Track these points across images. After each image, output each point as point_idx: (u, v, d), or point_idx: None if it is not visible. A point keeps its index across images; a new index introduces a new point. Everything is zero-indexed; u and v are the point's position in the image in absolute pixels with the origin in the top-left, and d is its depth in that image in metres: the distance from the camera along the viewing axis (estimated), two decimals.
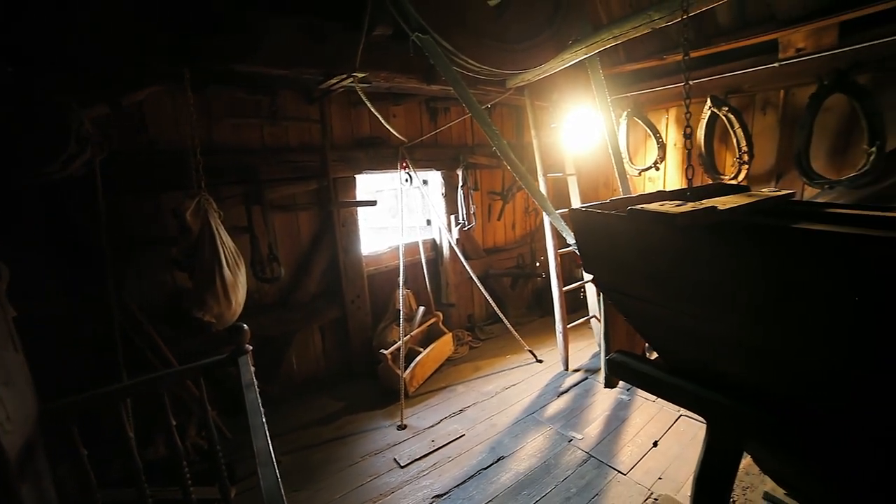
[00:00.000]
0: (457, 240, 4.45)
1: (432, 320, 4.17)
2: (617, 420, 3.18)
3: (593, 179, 5.11)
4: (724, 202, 1.40)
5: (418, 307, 4.15)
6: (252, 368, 1.89)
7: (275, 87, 3.34)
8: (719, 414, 1.31)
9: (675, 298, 1.18)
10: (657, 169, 4.46)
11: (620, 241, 1.20)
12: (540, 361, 4.07)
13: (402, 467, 2.82)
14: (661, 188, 4.59)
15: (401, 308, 3.46)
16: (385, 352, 3.56)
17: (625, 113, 4.54)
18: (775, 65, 3.68)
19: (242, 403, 1.60)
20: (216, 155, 3.13)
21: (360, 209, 3.95)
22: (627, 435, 3.02)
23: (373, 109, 3.14)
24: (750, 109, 4.02)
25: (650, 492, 2.44)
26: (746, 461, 2.26)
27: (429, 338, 4.09)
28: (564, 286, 3.87)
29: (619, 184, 3.46)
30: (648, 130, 4.48)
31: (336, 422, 3.36)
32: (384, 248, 4.30)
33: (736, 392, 1.27)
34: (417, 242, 4.23)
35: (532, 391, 3.63)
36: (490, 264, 4.89)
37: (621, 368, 1.52)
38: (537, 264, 5.32)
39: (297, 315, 3.64)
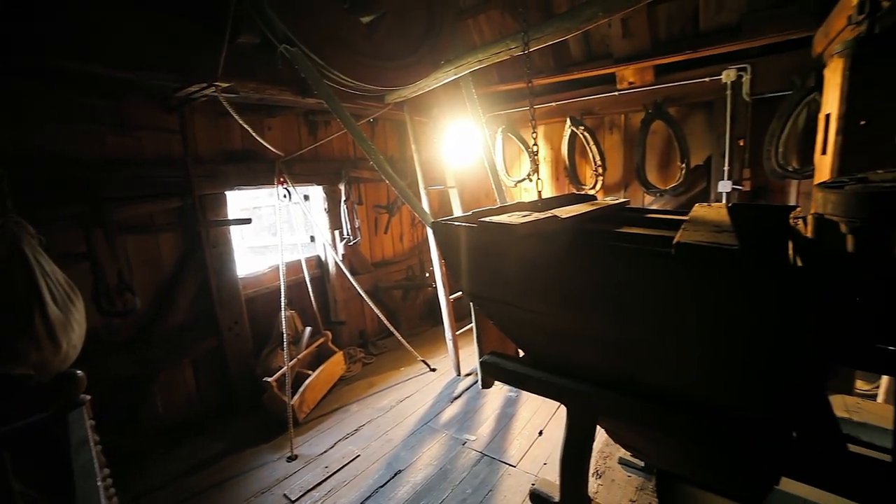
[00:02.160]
0: (343, 255, 4.34)
1: (321, 340, 3.99)
2: (506, 417, 3.39)
3: (475, 191, 5.43)
4: (568, 211, 1.60)
5: (305, 328, 3.94)
6: (90, 422, 1.59)
7: (120, 91, 2.92)
8: (574, 397, 1.48)
9: (527, 300, 1.31)
10: (531, 180, 4.93)
11: (476, 250, 1.30)
12: (433, 370, 4.15)
13: (294, 502, 2.63)
14: (534, 198, 5.08)
15: (284, 331, 3.24)
16: (269, 379, 3.30)
17: (500, 129, 4.94)
18: (615, 93, 4.37)
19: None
20: (38, 167, 2.62)
21: (234, 228, 3.62)
22: (516, 429, 3.23)
23: (241, 121, 2.93)
24: (601, 129, 4.68)
25: (536, 478, 2.64)
26: (605, 437, 2.59)
27: (318, 359, 3.90)
28: (451, 294, 4.02)
29: (496, 194, 3.73)
30: (521, 145, 4.93)
31: (215, 465, 3.01)
32: (264, 268, 4.00)
33: (586, 377, 1.46)
34: (300, 260, 4.03)
35: (426, 400, 3.69)
36: (379, 278, 4.87)
37: (493, 369, 1.64)
38: (427, 275, 5.45)
39: (160, 351, 3.19)
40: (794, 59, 3.46)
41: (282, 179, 3.68)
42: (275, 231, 4.50)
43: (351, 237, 4.29)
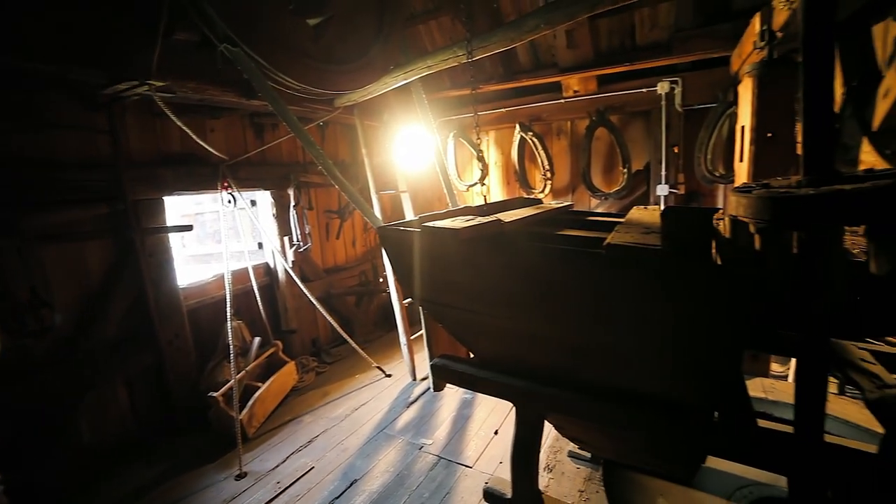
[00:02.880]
0: (293, 262, 4.21)
1: (271, 351, 3.84)
2: (462, 418, 3.42)
3: (428, 195, 5.46)
4: (513, 214, 1.65)
5: (253, 338, 3.78)
6: None
7: (36, 85, 2.67)
8: (521, 395, 1.53)
9: (473, 302, 1.35)
10: (482, 184, 5.03)
11: (421, 254, 1.32)
12: (389, 376, 4.12)
13: None
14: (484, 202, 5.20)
15: (231, 342, 3.09)
16: (215, 394, 3.13)
17: (451, 134, 5.00)
18: (561, 101, 4.57)
19: None
20: None
21: (174, 235, 3.41)
22: (472, 430, 3.27)
23: (179, 123, 2.78)
24: (549, 135, 4.86)
25: (493, 477, 2.69)
26: (555, 432, 2.69)
27: (269, 370, 3.75)
28: (405, 299, 4.01)
29: (448, 199, 3.77)
30: (472, 150, 5.01)
31: (154, 492, 2.80)
32: (208, 276, 3.79)
33: (532, 375, 1.51)
34: (248, 268, 3.86)
35: (382, 407, 3.65)
36: (332, 284, 4.77)
37: (444, 371, 1.66)
38: (381, 280, 5.39)
39: (87, 370, 2.93)
40: (717, 75, 3.79)
41: (226, 184, 3.51)
42: (219, 238, 4.27)
43: (301, 243, 4.17)
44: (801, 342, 1.19)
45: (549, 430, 2.67)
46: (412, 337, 3.97)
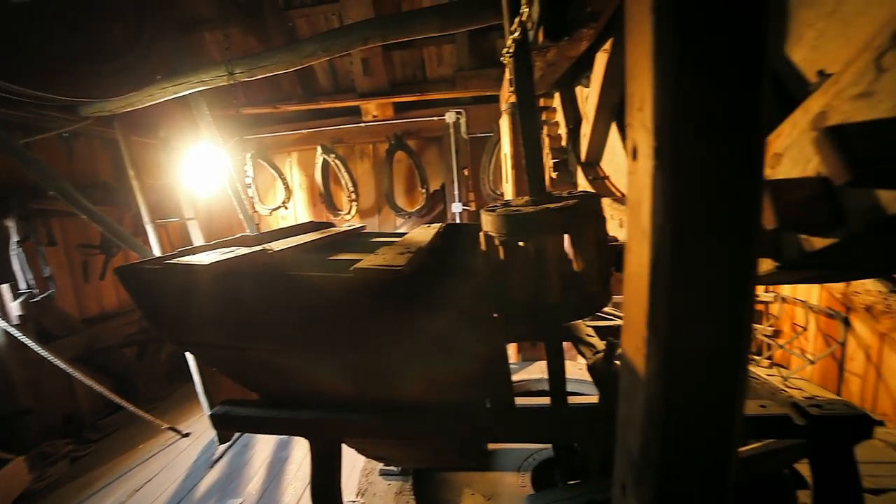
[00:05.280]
0: (21, 317, 3.14)
1: None
2: (279, 462, 3.12)
3: (228, 221, 4.87)
4: (286, 242, 1.59)
5: None
6: None
7: None
8: (311, 427, 1.48)
9: (242, 339, 1.24)
10: (286, 208, 4.78)
11: (172, 294, 1.16)
12: (186, 435, 3.46)
13: None
14: (291, 224, 4.96)
15: None
16: None
17: (249, 155, 4.60)
18: (362, 125, 4.73)
19: None
20: None
21: None
22: (290, 472, 3.00)
23: None
24: (352, 157, 4.94)
25: None
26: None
27: None
28: None
29: (245, 224, 3.44)
30: (274, 172, 4.72)
31: None
32: None
33: (320, 404, 1.47)
34: None
35: (178, 475, 3.03)
36: (97, 337, 3.75)
37: (226, 420, 1.46)
38: None
39: None
40: (493, 110, 4.49)
41: None
42: None
43: (36, 291, 3.15)
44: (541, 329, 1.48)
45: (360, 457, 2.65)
46: None
